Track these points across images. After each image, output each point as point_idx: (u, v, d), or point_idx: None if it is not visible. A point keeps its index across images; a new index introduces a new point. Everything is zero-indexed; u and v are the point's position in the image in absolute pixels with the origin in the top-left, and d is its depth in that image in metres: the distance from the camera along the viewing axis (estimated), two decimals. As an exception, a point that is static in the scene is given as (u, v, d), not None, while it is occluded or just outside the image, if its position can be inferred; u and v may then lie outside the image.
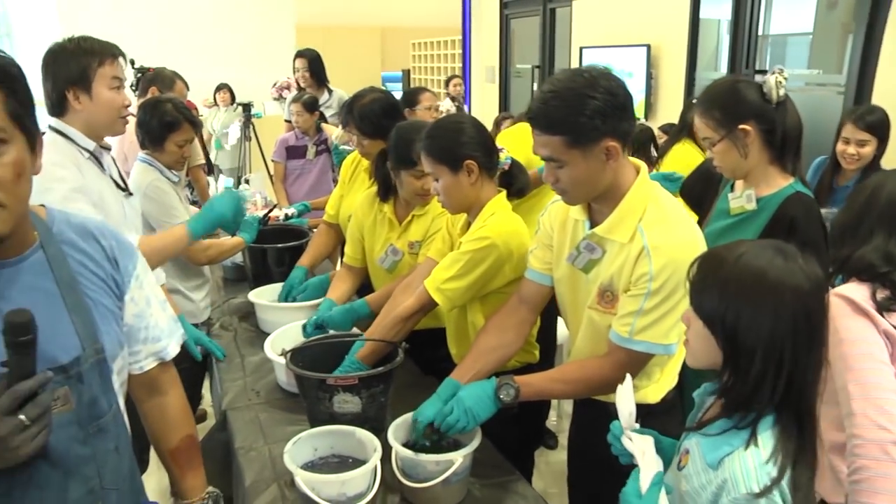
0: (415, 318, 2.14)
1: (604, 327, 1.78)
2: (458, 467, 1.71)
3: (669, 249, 1.64)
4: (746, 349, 1.24)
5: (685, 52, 6.20)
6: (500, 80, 9.57)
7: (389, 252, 2.56)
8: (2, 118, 1.09)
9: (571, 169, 1.66)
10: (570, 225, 1.86)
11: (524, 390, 1.75)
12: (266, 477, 1.92)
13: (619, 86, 1.63)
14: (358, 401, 1.93)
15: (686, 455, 1.37)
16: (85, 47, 2.12)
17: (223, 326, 2.95)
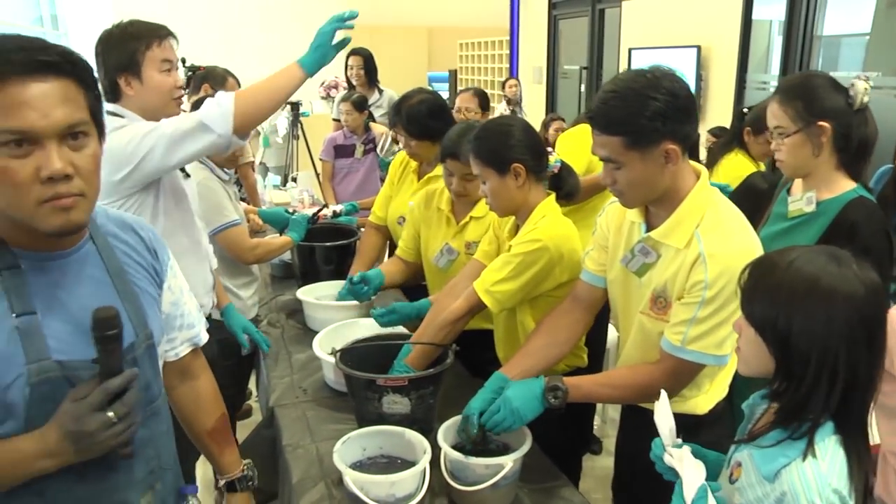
0: (463, 320, 2.13)
1: (655, 333, 1.75)
2: (507, 471, 1.69)
3: (726, 257, 1.59)
4: (799, 356, 1.21)
5: (736, 54, 6.11)
6: (547, 81, 9.52)
7: (445, 251, 2.56)
8: (84, 112, 1.12)
9: (629, 171, 1.63)
10: (627, 227, 1.83)
11: (572, 392, 1.73)
12: (313, 475, 1.92)
13: (682, 87, 1.60)
14: (407, 402, 1.93)
15: (738, 468, 1.33)
16: (131, 32, 2.11)
17: (270, 323, 2.97)
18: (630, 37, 7.56)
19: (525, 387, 1.74)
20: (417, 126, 2.78)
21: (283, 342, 2.77)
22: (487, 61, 12.38)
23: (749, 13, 6.00)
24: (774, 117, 2.06)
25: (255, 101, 2.03)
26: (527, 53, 10.04)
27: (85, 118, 1.12)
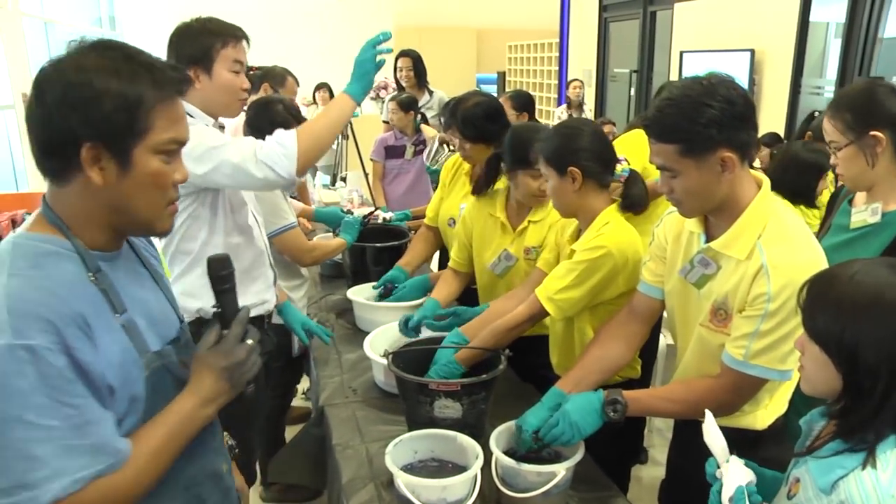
0: (522, 327, 2.11)
1: (714, 346, 1.71)
2: (559, 480, 1.67)
3: (790, 269, 1.55)
4: (868, 371, 1.17)
5: (791, 57, 6.00)
6: (596, 84, 9.45)
7: (503, 257, 2.53)
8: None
9: (685, 179, 1.61)
10: (685, 237, 1.80)
11: (632, 406, 1.71)
12: (363, 475, 1.92)
13: (739, 95, 1.56)
14: (459, 407, 1.92)
15: (797, 483, 1.30)
16: (210, 27, 2.14)
17: (320, 322, 2.98)
18: (682, 40, 7.47)
19: (584, 400, 1.73)
20: (473, 129, 2.76)
21: (333, 342, 2.78)
22: (536, 63, 12.35)
23: (806, 15, 5.88)
24: (826, 132, 2.02)
25: (316, 140, 2.09)
26: (576, 56, 9.98)
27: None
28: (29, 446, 1.01)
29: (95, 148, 1.09)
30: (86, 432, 1.05)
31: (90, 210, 1.15)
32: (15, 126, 8.13)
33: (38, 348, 1.01)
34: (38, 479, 1.01)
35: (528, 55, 12.71)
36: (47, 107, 1.08)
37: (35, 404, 1.01)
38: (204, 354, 1.25)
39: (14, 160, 8.22)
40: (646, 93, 8.40)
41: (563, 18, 10.06)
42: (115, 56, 1.11)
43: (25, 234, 1.14)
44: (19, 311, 1.03)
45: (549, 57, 11.59)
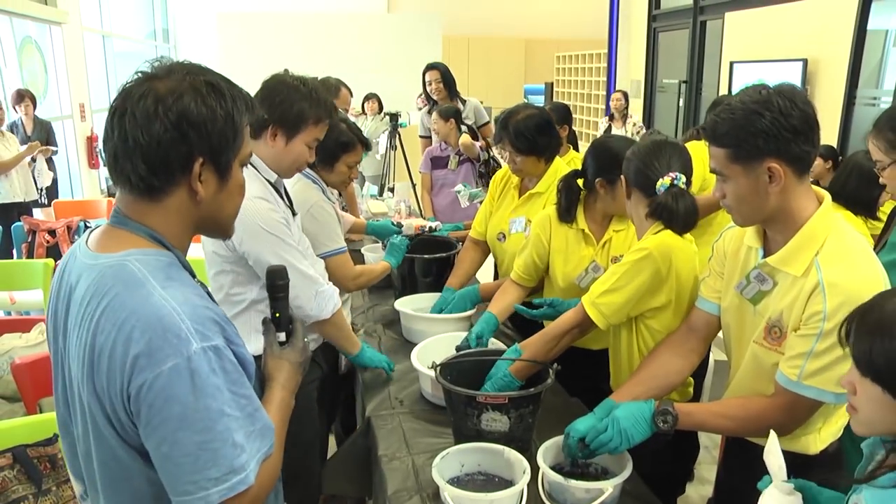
0: (570, 334, 2.10)
1: (768, 364, 1.68)
2: (607, 497, 1.66)
3: (847, 288, 1.51)
4: None
5: (846, 67, 5.85)
6: (645, 95, 9.37)
7: (591, 269, 2.48)
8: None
9: (734, 185, 1.61)
10: (744, 252, 1.77)
11: (683, 419, 1.69)
12: (409, 487, 1.92)
13: (796, 107, 1.53)
14: (506, 420, 1.91)
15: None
16: (314, 98, 2.15)
17: (367, 333, 3.00)
18: (732, 50, 7.37)
19: (635, 408, 1.71)
20: (525, 141, 2.75)
21: (380, 352, 2.79)
22: (584, 74, 12.30)
23: (864, 22, 5.72)
24: (872, 152, 2.02)
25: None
26: (625, 66, 9.92)
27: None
28: (233, 434, 1.12)
29: (203, 163, 1.19)
30: (255, 419, 1.18)
31: (186, 221, 1.24)
32: (72, 135, 8.37)
33: (220, 347, 1.14)
34: (243, 463, 1.13)
35: (576, 66, 12.67)
36: (165, 125, 1.14)
37: (226, 398, 1.13)
38: (281, 353, 1.42)
39: (71, 168, 8.45)
40: (695, 104, 8.29)
41: (612, 28, 10.00)
42: (216, 79, 1.22)
43: (138, 251, 1.18)
44: (196, 317, 1.13)
45: (598, 67, 11.54)
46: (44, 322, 3.39)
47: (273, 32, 9.01)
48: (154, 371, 1.07)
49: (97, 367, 1.12)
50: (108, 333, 1.10)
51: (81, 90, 8.56)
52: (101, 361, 1.11)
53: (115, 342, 1.09)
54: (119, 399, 1.11)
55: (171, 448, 1.09)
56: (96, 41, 9.67)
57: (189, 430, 1.09)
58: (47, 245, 5.62)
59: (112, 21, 10.36)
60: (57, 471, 2.30)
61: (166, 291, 1.13)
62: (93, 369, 1.13)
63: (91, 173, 8.75)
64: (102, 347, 1.11)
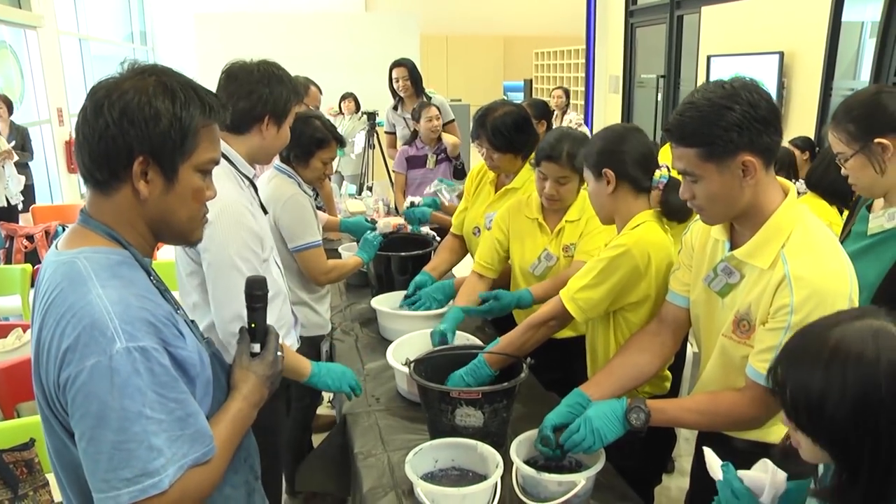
0: (548, 326, 2.11)
1: (737, 357, 1.69)
2: (580, 489, 1.66)
3: (813, 281, 1.52)
4: (843, 430, 1.08)
5: (822, 60, 5.88)
6: (623, 90, 9.40)
7: (543, 258, 2.55)
8: None
9: (706, 184, 1.58)
10: (711, 245, 1.77)
11: (655, 416, 1.69)
12: (384, 484, 1.92)
13: (762, 98, 1.54)
14: (480, 415, 1.92)
15: None
16: (287, 79, 2.12)
17: (344, 331, 3.00)
18: (709, 44, 7.40)
19: (607, 407, 1.71)
20: (502, 139, 2.76)
21: (356, 351, 2.79)
22: (563, 70, 12.32)
23: (839, 15, 5.76)
24: (833, 145, 1.99)
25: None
26: (603, 62, 9.95)
27: None
28: (150, 437, 1.11)
29: (146, 162, 1.19)
30: (186, 423, 1.16)
31: (133, 219, 1.24)
32: (51, 140, 8.30)
33: (148, 349, 1.12)
34: (158, 467, 1.11)
35: (554, 62, 12.70)
36: (107, 120, 1.16)
37: (150, 400, 1.11)
38: (248, 364, 1.39)
39: (49, 173, 8.39)
40: (673, 98, 8.33)
41: (590, 24, 10.03)
42: (171, 81, 1.22)
43: (91, 249, 1.21)
44: (126, 317, 1.12)
45: (576, 63, 11.57)
46: (21, 328, 3.37)
47: (250, 32, 8.94)
48: (78, 366, 1.10)
49: (41, 360, 1.17)
50: (49, 328, 1.14)
51: (59, 94, 8.49)
52: (42, 354, 1.16)
53: (53, 336, 1.13)
54: (54, 391, 1.15)
55: (88, 444, 1.10)
56: (73, 44, 9.60)
57: (106, 428, 1.09)
58: (25, 250, 5.59)
59: (89, 24, 10.29)
60: (34, 475, 2.28)
61: (104, 290, 1.14)
62: (38, 362, 1.18)
63: (71, 178, 8.68)
64: (44, 341, 1.15)
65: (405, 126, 5.19)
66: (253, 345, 1.42)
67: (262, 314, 1.43)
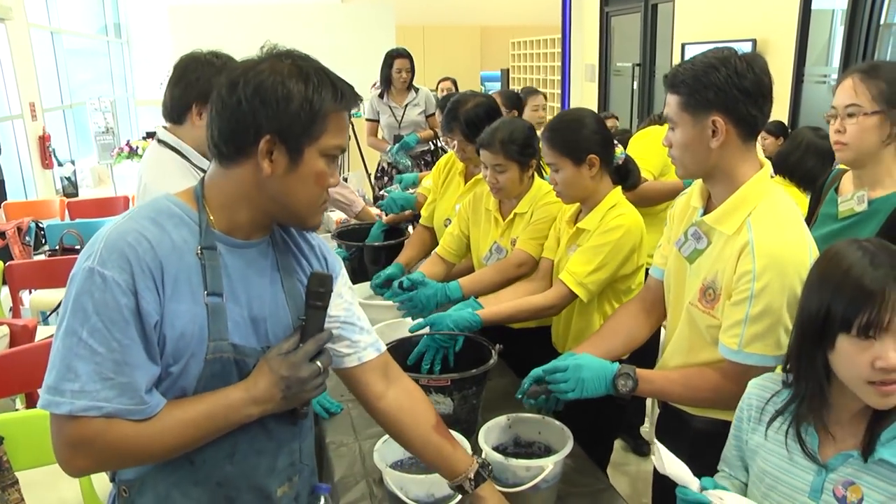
0: (550, 311, 2.24)
1: (702, 327, 1.73)
2: (548, 474, 1.67)
3: (774, 249, 1.56)
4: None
5: (794, 47, 5.93)
6: (600, 79, 9.43)
7: (494, 250, 2.59)
8: None
9: (680, 132, 1.68)
10: (689, 213, 1.84)
11: (642, 386, 1.73)
12: (355, 473, 1.94)
13: (751, 71, 1.60)
14: (450, 402, 1.93)
15: (852, 487, 1.25)
16: (219, 65, 2.06)
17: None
18: (683, 32, 7.44)
19: (598, 364, 1.75)
20: (476, 130, 2.76)
21: (330, 342, 2.79)
22: (540, 59, 12.33)
23: (808, 3, 5.81)
24: (853, 93, 1.91)
25: None
26: (579, 51, 9.95)
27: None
28: (74, 359, 1.11)
29: (273, 141, 1.20)
30: (121, 370, 1.12)
31: (247, 194, 1.25)
32: (23, 135, 8.20)
33: (109, 279, 1.12)
34: (67, 390, 1.10)
35: (531, 51, 12.69)
36: (240, 97, 1.19)
37: (91, 325, 1.11)
38: (271, 358, 1.26)
39: (23, 169, 8.28)
40: (649, 86, 8.36)
41: (565, 14, 10.03)
42: (306, 65, 1.24)
43: (168, 196, 1.27)
44: (111, 246, 1.15)
45: (552, 53, 11.57)
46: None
47: (225, 24, 8.88)
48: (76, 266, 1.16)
49: None
50: None
51: (31, 89, 8.37)
52: None
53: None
54: None
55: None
56: (44, 38, 9.48)
57: (58, 329, 1.14)
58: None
59: (60, 17, 10.16)
60: (3, 473, 2.26)
61: (126, 221, 1.20)
62: None
63: (45, 173, 8.57)
64: None
65: (391, 115, 5.19)
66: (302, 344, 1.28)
67: (317, 313, 1.28)
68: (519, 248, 2.46)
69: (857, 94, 1.90)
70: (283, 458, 1.37)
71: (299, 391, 1.27)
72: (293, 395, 1.26)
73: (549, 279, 2.33)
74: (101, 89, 10.53)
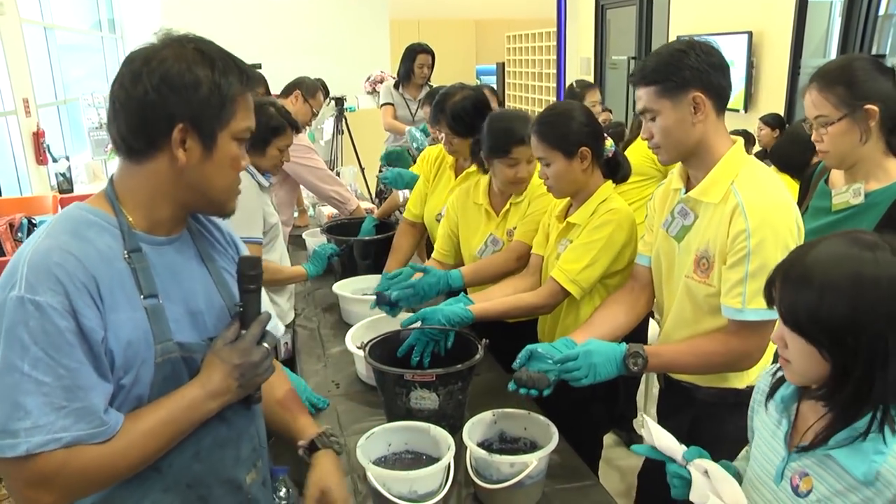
0: (543, 309, 2.23)
1: (700, 297, 1.79)
2: (532, 470, 1.65)
3: (764, 208, 1.65)
4: (854, 351, 1.14)
5: (790, 39, 5.91)
6: (595, 72, 9.39)
7: (489, 242, 2.56)
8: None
9: (662, 119, 1.74)
10: (670, 196, 1.90)
11: (652, 361, 1.75)
12: (341, 469, 1.91)
13: (715, 50, 1.74)
14: (435, 398, 1.91)
15: (805, 478, 1.25)
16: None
17: (307, 317, 2.98)
18: (679, 24, 7.41)
19: (607, 348, 1.77)
20: (462, 123, 2.74)
21: (318, 336, 2.78)
22: (535, 53, 12.29)
23: (805, -6, 5.79)
24: (815, 106, 1.95)
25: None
26: (574, 44, 9.92)
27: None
28: (19, 395, 1.04)
29: (186, 129, 1.17)
30: (74, 396, 1.07)
31: (163, 188, 1.21)
32: (17, 131, 8.16)
33: (44, 305, 1.06)
34: (20, 429, 1.04)
35: (526, 45, 12.65)
36: (146, 87, 1.15)
37: (32, 356, 1.05)
38: (219, 349, 1.25)
39: (17, 165, 8.24)
40: (645, 79, 8.33)
41: (561, 7, 9.98)
42: (209, 49, 1.21)
43: (80, 205, 1.21)
44: (36, 269, 1.08)
45: (548, 46, 11.53)
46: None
47: (219, 18, 8.80)
48: None
49: None
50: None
51: (24, 84, 8.32)
52: None
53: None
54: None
55: None
56: (38, 33, 9.43)
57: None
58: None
59: (53, 12, 10.11)
60: None
61: (45, 240, 1.13)
62: None
63: (39, 170, 8.52)
64: None
65: (405, 107, 5.20)
66: (243, 330, 1.28)
67: (253, 297, 1.30)
68: (518, 241, 2.45)
69: (818, 105, 1.94)
70: (245, 445, 1.36)
71: (253, 376, 1.27)
72: (248, 382, 1.26)
73: (539, 275, 2.31)
74: (95, 85, 10.47)
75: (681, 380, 1.92)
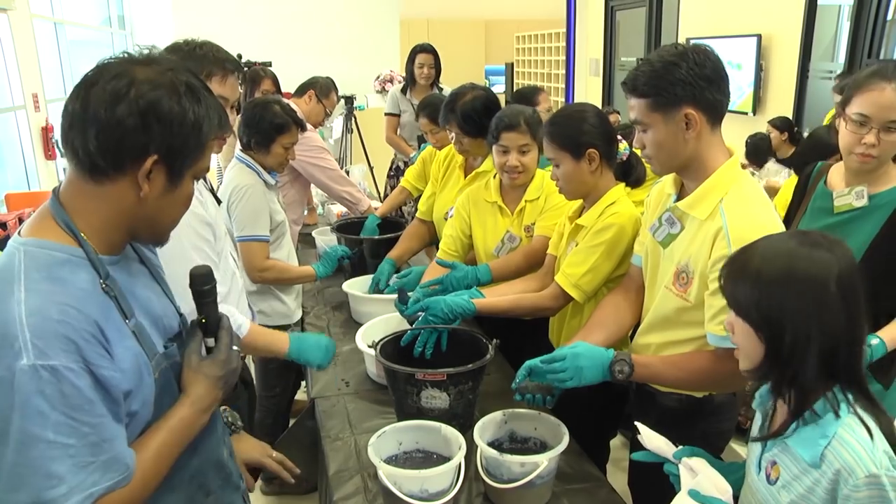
0: (546, 312, 2.25)
1: (670, 310, 1.79)
2: (542, 470, 1.66)
3: (748, 233, 1.57)
4: (783, 336, 1.25)
5: (799, 42, 5.89)
6: (604, 73, 9.38)
7: (506, 240, 2.56)
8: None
9: (654, 133, 1.71)
10: (663, 199, 1.88)
11: (638, 370, 1.74)
12: (350, 467, 1.93)
13: (708, 59, 1.66)
14: (446, 397, 1.92)
15: (774, 466, 1.33)
16: (198, 55, 1.93)
17: (316, 315, 2.99)
18: (688, 26, 7.39)
19: (595, 352, 1.76)
20: (473, 123, 2.74)
21: (328, 334, 2.78)
22: (544, 54, 12.29)
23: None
24: (893, 107, 1.88)
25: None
26: (583, 45, 9.90)
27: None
28: (48, 464, 1.02)
29: (157, 162, 1.13)
30: (100, 450, 1.07)
31: (115, 215, 1.16)
32: (26, 126, 8.18)
33: (60, 368, 1.02)
34: (56, 496, 1.02)
35: (535, 45, 12.66)
36: (130, 109, 1.10)
37: (54, 422, 1.02)
38: (198, 365, 1.28)
39: (26, 160, 8.27)
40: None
41: (570, 8, 9.97)
42: (196, 84, 1.18)
43: (36, 242, 1.12)
44: (40, 331, 1.02)
45: (557, 47, 11.52)
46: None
47: (229, 16, 8.83)
48: None
49: None
50: None
51: (34, 80, 8.35)
52: None
53: None
54: None
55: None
56: (48, 29, 9.45)
57: (5, 445, 1.02)
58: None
59: (64, 8, 10.13)
60: None
61: (27, 295, 1.05)
62: None
63: (48, 164, 8.55)
64: None
65: (412, 113, 4.89)
66: (207, 339, 1.31)
67: (212, 307, 1.32)
68: (540, 235, 2.45)
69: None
70: (219, 425, 1.43)
71: (232, 380, 1.33)
72: (229, 385, 1.33)
73: (552, 276, 2.31)
74: (105, 81, 10.51)
75: (645, 384, 1.92)
